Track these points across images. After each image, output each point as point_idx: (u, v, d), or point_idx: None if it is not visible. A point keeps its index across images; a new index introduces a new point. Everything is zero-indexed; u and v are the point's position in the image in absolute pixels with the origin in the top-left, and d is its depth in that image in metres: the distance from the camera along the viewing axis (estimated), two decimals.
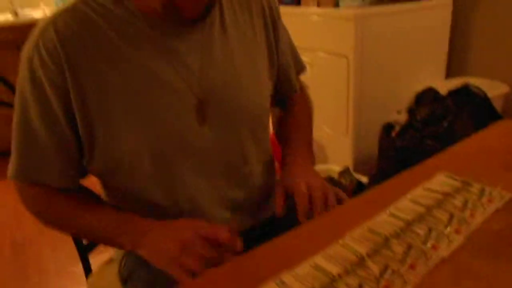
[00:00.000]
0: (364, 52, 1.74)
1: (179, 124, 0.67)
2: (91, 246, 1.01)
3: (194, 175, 0.71)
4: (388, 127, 1.73)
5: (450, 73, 2.06)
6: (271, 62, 0.81)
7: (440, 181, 0.69)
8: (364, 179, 1.74)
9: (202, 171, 0.72)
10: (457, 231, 0.55)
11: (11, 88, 1.00)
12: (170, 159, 0.68)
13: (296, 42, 0.91)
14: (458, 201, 0.62)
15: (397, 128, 1.65)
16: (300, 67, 0.93)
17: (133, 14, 0.64)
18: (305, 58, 2.05)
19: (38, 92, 0.63)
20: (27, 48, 0.63)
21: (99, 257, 1.07)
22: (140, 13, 0.64)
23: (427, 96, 1.65)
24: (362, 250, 0.53)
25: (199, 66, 0.68)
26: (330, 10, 1.82)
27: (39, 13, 3.00)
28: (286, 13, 2.05)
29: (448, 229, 0.56)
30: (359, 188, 1.70)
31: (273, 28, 0.80)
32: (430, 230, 0.56)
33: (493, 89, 1.68)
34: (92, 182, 0.77)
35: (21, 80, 0.65)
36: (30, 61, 0.62)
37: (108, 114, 0.64)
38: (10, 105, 1.07)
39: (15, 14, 2.96)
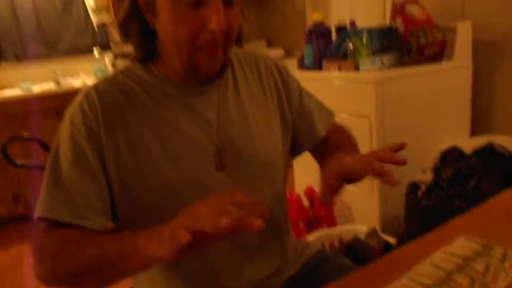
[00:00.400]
0: (385, 113, 1.78)
1: (199, 170, 0.76)
2: None
3: None
4: (414, 187, 1.71)
5: (474, 131, 2.05)
6: (283, 117, 0.89)
7: (461, 245, 0.68)
8: (392, 240, 1.70)
9: None
10: None
11: None
12: (190, 202, 0.72)
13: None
14: (479, 266, 0.62)
15: (423, 188, 1.64)
16: (327, 114, 0.99)
17: (160, 79, 0.78)
18: None
19: (75, 140, 0.72)
20: (72, 107, 0.75)
21: None
22: (166, 78, 0.78)
23: (452, 155, 1.65)
24: None
25: (216, 120, 0.79)
26: (350, 74, 1.89)
27: (79, 82, 3.22)
28: (309, 77, 2.16)
29: None
30: (387, 249, 1.66)
31: (283, 85, 0.90)
32: None
33: None
34: None
35: (62, 130, 0.74)
36: (72, 116, 0.73)
37: (137, 161, 0.73)
38: None
39: (57, 83, 3.20)
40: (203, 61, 0.72)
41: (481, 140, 1.65)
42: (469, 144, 1.66)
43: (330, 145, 0.91)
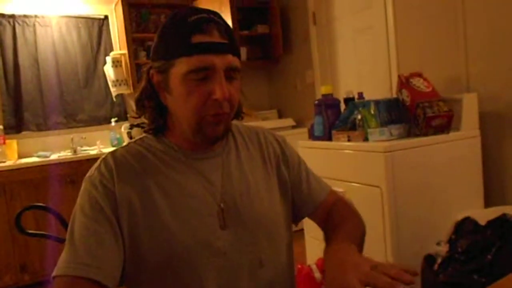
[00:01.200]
0: (396, 182, 1.78)
1: (205, 228, 0.82)
2: None
3: (213, 276, 0.80)
4: (429, 259, 1.66)
5: (489, 201, 2.02)
6: (282, 182, 0.95)
7: None
8: None
9: (221, 272, 0.81)
10: None
11: (63, 222, 1.09)
12: (195, 258, 0.80)
13: (330, 173, 1.02)
14: None
15: (439, 260, 1.58)
16: (323, 184, 1.02)
17: (170, 147, 0.87)
18: (339, 188, 2.10)
19: (92, 196, 0.78)
20: (90, 170, 0.83)
21: None
22: (176, 146, 0.87)
23: (467, 227, 1.61)
24: None
25: (220, 182, 0.87)
26: (360, 144, 1.92)
27: (95, 150, 3.32)
28: (319, 146, 2.19)
29: None
30: None
31: (282, 154, 0.97)
32: None
33: None
34: None
35: (81, 192, 0.80)
36: (90, 176, 0.81)
37: (147, 219, 0.79)
38: (60, 240, 1.15)
39: (74, 151, 3.29)
40: (209, 125, 0.81)
41: (495, 211, 1.62)
42: (483, 215, 1.63)
43: (336, 225, 0.91)
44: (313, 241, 2.36)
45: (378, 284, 0.65)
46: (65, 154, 3.23)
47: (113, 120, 3.54)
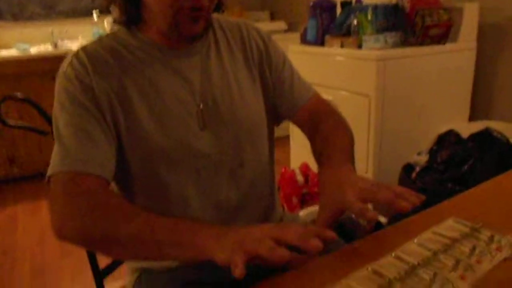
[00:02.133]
0: (386, 92, 1.77)
1: (183, 129, 0.79)
2: (107, 272, 1.04)
3: (193, 177, 0.80)
4: (408, 168, 1.72)
5: (473, 116, 2.04)
6: (264, 81, 0.91)
7: (449, 226, 0.69)
8: (383, 220, 1.72)
9: (201, 172, 0.81)
10: (462, 277, 0.55)
11: (45, 115, 1.07)
12: (173, 159, 0.79)
13: (319, 80, 0.96)
14: (465, 247, 0.62)
15: (417, 169, 1.64)
16: (307, 86, 0.97)
17: (146, 43, 0.80)
18: (327, 95, 2.09)
19: (70, 92, 0.74)
20: (62, 67, 0.77)
21: (114, 284, 1.10)
22: (150, 41, 0.80)
23: (449, 138, 1.64)
24: None
25: (199, 80, 0.82)
26: (353, 51, 1.86)
27: (76, 45, 3.18)
28: (310, 52, 2.13)
29: (453, 274, 0.56)
30: (378, 228, 1.67)
31: (265, 51, 0.92)
32: (435, 275, 0.56)
33: None
34: None
35: (56, 90, 0.76)
36: (64, 73, 0.76)
37: (127, 118, 0.76)
38: (43, 133, 1.14)
39: (55, 45, 3.15)
40: (186, 20, 0.74)
41: (479, 125, 1.65)
42: (467, 128, 1.66)
43: (325, 139, 0.86)
44: (298, 147, 2.40)
45: (378, 197, 0.63)
46: (45, 48, 3.09)
47: (94, 12, 3.33)
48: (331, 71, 1.99)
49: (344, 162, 0.76)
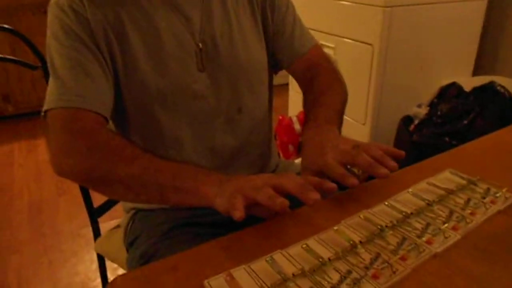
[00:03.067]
0: (390, 41, 1.71)
1: (181, 69, 0.76)
2: (101, 211, 1.05)
3: (188, 120, 0.78)
4: (407, 120, 1.70)
5: (477, 70, 2.00)
6: (266, 27, 0.87)
7: (445, 178, 0.68)
8: None
9: (197, 115, 0.79)
10: (454, 228, 0.55)
11: (33, 47, 1.02)
12: (169, 101, 0.76)
13: (322, 26, 0.91)
14: (460, 199, 0.62)
15: (416, 121, 1.63)
16: (309, 37, 0.93)
17: None
18: (330, 43, 2.02)
19: (64, 23, 0.69)
20: None
21: (108, 224, 1.11)
22: None
23: (451, 92, 1.61)
24: (356, 237, 0.54)
25: (199, 18, 0.78)
26: None
27: None
28: None
29: (446, 225, 0.56)
30: (372, 179, 1.69)
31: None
32: (427, 224, 0.56)
33: None
34: None
35: (50, 20, 0.71)
36: (57, 3, 0.71)
37: (123, 54, 0.72)
38: (32, 66, 1.10)
39: None
40: None
41: (483, 80, 1.61)
42: (470, 82, 1.62)
43: (318, 94, 0.84)
44: (297, 95, 2.37)
45: (357, 162, 0.63)
46: None
47: None
48: (335, 17, 1.91)
49: (329, 123, 0.75)
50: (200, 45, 0.77)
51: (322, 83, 0.86)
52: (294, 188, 0.56)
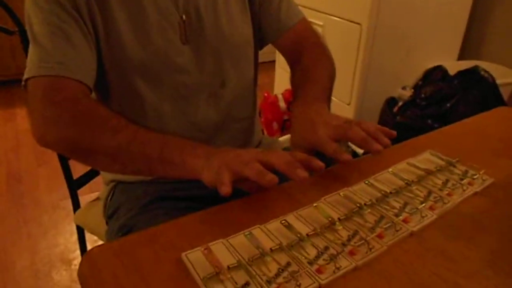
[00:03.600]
0: (378, 22, 1.70)
1: (163, 40, 0.74)
2: (81, 183, 1.03)
3: (170, 93, 0.77)
4: (391, 102, 1.71)
5: (463, 55, 2.01)
6: (251, 3, 0.85)
7: (425, 159, 0.69)
8: (360, 151, 1.74)
9: (179, 88, 0.77)
10: (431, 208, 0.56)
11: (14, 16, 0.98)
12: (151, 73, 0.74)
13: (310, 3, 0.89)
14: (438, 180, 0.62)
15: (400, 103, 1.64)
16: (296, 11, 0.91)
17: None
18: (318, 20, 2.00)
19: None
20: None
21: (88, 196, 1.10)
22: None
23: (436, 75, 1.62)
24: (334, 214, 0.54)
25: None
26: None
27: None
28: None
29: (423, 205, 0.56)
30: (354, 157, 1.70)
31: None
32: (405, 204, 0.57)
33: (504, 77, 1.65)
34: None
35: None
36: None
37: (105, 25, 0.70)
38: (7, 31, 1.06)
39: None
40: None
41: (468, 64, 1.62)
42: (456, 66, 1.63)
43: (305, 70, 0.83)
44: (283, 72, 2.35)
45: (350, 136, 0.62)
46: None
47: None
48: None
49: (319, 99, 0.74)
50: (184, 16, 0.75)
51: (310, 57, 0.85)
52: (282, 165, 0.56)
